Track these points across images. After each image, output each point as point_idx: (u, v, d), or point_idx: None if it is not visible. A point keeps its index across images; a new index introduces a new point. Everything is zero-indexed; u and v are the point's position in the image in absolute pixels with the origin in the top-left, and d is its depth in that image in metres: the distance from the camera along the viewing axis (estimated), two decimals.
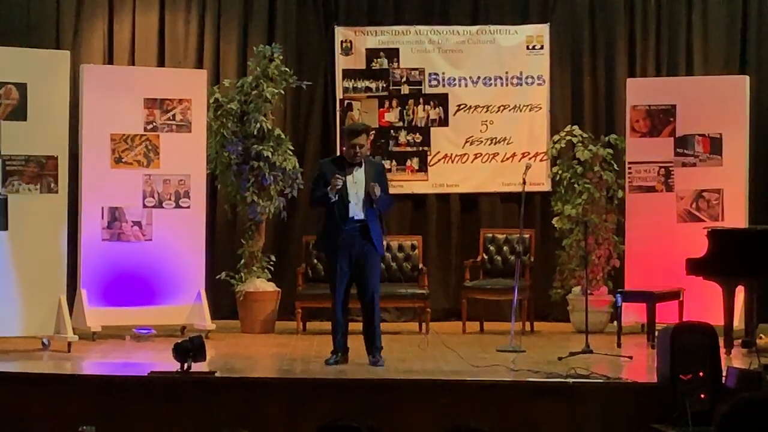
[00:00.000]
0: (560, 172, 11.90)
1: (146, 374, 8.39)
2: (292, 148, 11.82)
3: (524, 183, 10.37)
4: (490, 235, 12.10)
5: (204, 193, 11.37)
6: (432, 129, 12.66)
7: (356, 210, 9.12)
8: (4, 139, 10.03)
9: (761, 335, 10.51)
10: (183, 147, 11.14)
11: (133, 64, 12.42)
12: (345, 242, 9.08)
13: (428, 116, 12.67)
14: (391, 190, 12.33)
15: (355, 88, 12.72)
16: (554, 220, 11.90)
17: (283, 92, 11.83)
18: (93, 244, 10.84)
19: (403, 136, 12.64)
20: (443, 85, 12.66)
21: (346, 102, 12.70)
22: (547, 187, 12.42)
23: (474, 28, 12.66)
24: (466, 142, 12.60)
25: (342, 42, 12.71)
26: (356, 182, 9.16)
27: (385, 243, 9.36)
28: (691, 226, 11.03)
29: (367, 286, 9.20)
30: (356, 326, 12.14)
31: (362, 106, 12.71)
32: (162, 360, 8.81)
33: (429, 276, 11.76)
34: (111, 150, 10.95)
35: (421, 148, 12.68)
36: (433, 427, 7.11)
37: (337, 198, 9.05)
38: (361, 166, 9.21)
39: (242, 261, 11.69)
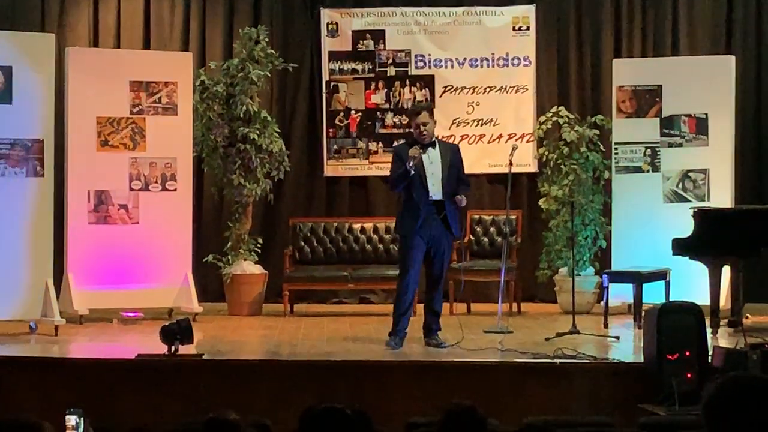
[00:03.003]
0: (547, 153, 11.89)
1: (134, 357, 8.40)
2: (278, 130, 11.80)
3: (511, 164, 10.34)
4: (477, 216, 12.10)
5: (190, 175, 11.34)
6: None
7: (434, 190, 9.11)
8: None
9: (747, 315, 10.53)
10: (169, 130, 11.10)
11: (119, 47, 12.38)
12: (424, 223, 9.05)
13: (414, 98, 12.64)
14: (378, 172, 12.46)
15: (341, 70, 12.69)
16: (541, 201, 11.90)
17: (269, 74, 11.81)
18: (79, 227, 10.81)
19: (389, 118, 12.62)
20: (429, 67, 12.64)
21: (332, 84, 12.67)
22: (533, 168, 12.42)
23: (460, 9, 12.64)
24: (453, 123, 12.58)
25: (328, 24, 12.67)
26: (432, 163, 9.14)
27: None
28: (678, 206, 11.05)
29: (440, 270, 9.20)
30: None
31: (348, 88, 12.69)
32: (149, 343, 8.81)
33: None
34: (97, 133, 10.91)
35: (407, 130, 12.64)
36: (420, 409, 7.11)
37: (414, 172, 8.99)
38: (434, 148, 9.21)
39: (229, 244, 11.68)
